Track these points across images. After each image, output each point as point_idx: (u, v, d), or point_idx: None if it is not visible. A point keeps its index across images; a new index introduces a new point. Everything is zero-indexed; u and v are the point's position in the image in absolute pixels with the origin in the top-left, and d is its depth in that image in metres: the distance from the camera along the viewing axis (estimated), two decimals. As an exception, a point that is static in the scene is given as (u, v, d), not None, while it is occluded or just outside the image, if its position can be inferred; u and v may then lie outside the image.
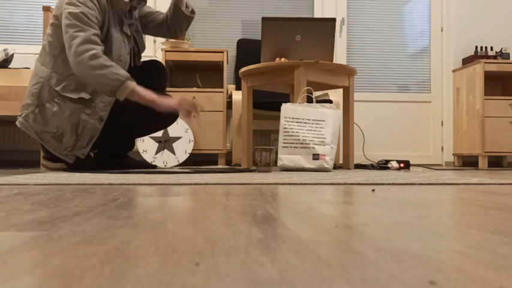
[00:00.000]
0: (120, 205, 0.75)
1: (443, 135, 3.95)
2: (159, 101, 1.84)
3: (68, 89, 1.94)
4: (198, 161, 3.63)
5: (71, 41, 1.80)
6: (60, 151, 2.00)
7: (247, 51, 3.62)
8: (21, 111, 2.01)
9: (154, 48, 3.62)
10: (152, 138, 3.00)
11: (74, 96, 1.94)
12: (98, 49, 1.81)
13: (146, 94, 1.83)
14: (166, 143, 3.02)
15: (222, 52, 3.25)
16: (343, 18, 3.86)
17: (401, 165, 2.66)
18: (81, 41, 1.79)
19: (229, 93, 3.48)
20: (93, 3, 1.88)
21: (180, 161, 3.01)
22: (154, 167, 2.46)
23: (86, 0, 1.86)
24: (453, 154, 3.86)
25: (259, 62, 3.50)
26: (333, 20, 2.50)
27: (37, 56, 2.14)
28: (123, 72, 1.80)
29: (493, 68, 3.51)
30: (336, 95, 3.35)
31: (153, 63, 2.27)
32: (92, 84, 1.82)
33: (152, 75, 2.24)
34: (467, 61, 3.73)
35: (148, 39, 3.58)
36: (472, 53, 3.83)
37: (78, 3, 1.84)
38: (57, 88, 1.94)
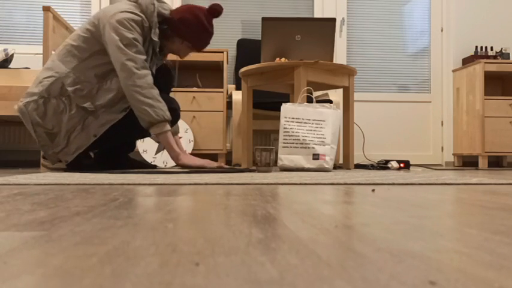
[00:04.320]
0: (120, 205, 0.75)
1: (443, 135, 3.95)
2: (179, 159, 1.90)
3: (78, 93, 1.93)
4: (198, 161, 3.63)
5: (127, 63, 1.84)
6: (48, 150, 1.98)
7: (247, 51, 3.62)
8: (23, 98, 1.98)
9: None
10: (152, 138, 3.00)
11: (80, 103, 1.93)
12: (151, 79, 1.87)
13: (173, 145, 1.89)
14: (166, 143, 3.02)
15: (222, 52, 3.25)
16: (343, 18, 3.86)
17: (401, 165, 2.66)
18: (141, 66, 1.85)
19: (229, 93, 3.48)
20: (141, 30, 1.92)
21: (180, 161, 3.01)
22: (155, 167, 2.46)
23: (136, 25, 1.89)
24: (453, 154, 3.86)
25: (259, 62, 3.50)
26: (333, 20, 2.50)
27: (55, 51, 2.08)
28: (168, 113, 1.88)
29: (493, 68, 3.51)
30: (336, 95, 3.35)
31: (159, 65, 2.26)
32: (134, 107, 1.84)
33: (158, 77, 2.22)
34: (467, 61, 3.74)
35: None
36: (472, 53, 3.83)
37: (131, 27, 1.87)
38: (69, 89, 1.92)
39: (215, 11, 2.03)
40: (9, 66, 2.89)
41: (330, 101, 3.11)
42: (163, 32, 2.03)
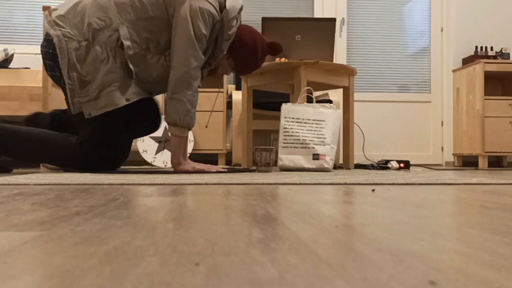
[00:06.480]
0: (120, 205, 0.75)
1: (443, 135, 3.95)
2: (177, 167, 1.85)
3: (128, 51, 1.80)
4: (198, 161, 3.63)
5: (191, 59, 1.76)
6: (73, 96, 1.81)
7: (247, 51, 3.61)
8: (62, 22, 1.80)
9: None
10: (152, 138, 3.00)
11: (128, 62, 1.80)
12: (199, 82, 1.83)
13: (180, 153, 1.85)
14: (166, 143, 3.02)
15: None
16: (343, 18, 3.86)
17: (401, 165, 2.66)
18: (198, 66, 1.79)
19: (229, 93, 3.48)
20: (211, 29, 1.83)
21: (180, 161, 3.01)
22: (9, 170, 2.10)
23: (211, 23, 1.80)
24: (453, 154, 3.86)
25: (259, 62, 3.49)
26: (333, 20, 2.50)
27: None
28: (194, 122, 1.84)
29: (493, 68, 3.51)
30: (336, 95, 3.35)
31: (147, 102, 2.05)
32: (171, 99, 1.77)
33: (143, 111, 2.05)
34: (467, 61, 3.74)
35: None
36: (472, 53, 3.83)
37: (207, 22, 1.78)
38: (125, 42, 1.79)
39: (275, 49, 1.94)
40: (9, 66, 2.89)
41: (330, 101, 3.11)
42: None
